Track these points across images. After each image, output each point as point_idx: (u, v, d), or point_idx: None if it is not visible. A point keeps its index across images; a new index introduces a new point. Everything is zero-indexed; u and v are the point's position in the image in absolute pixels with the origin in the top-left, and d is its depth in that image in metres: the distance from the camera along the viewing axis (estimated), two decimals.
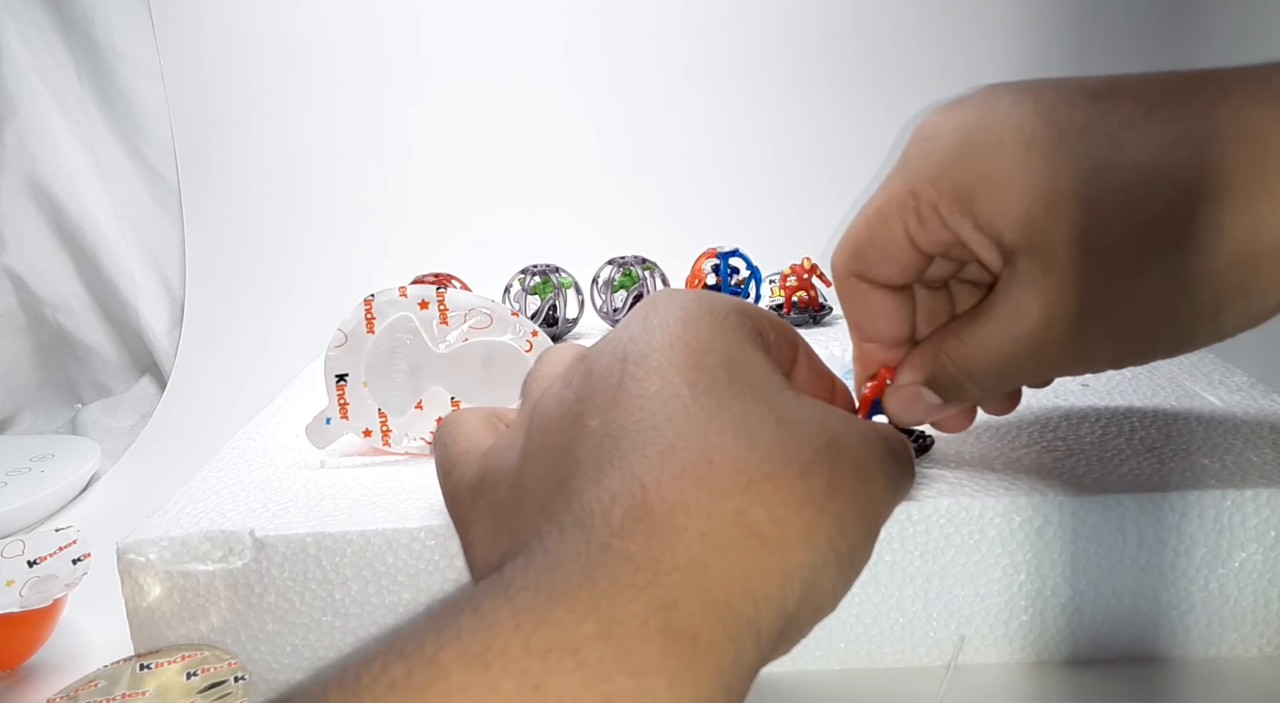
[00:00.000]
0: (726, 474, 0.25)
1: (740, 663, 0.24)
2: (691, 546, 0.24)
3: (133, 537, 0.44)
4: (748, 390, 0.28)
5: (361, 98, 0.94)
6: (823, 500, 0.26)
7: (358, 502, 0.46)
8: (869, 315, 0.38)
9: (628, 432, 0.27)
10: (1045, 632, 0.43)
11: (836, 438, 0.28)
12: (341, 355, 0.50)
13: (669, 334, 0.29)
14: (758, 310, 0.33)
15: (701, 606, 0.23)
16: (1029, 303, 0.33)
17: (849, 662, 0.44)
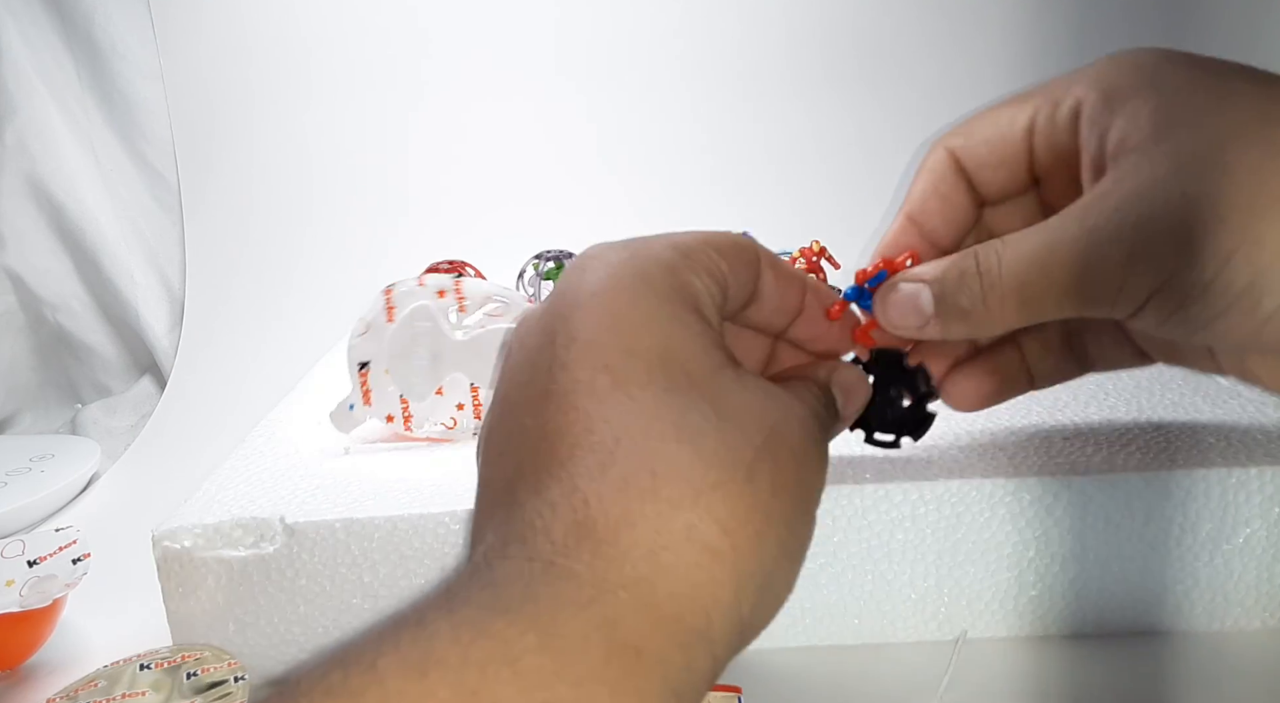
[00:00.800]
0: (673, 487, 0.24)
1: (691, 670, 0.23)
2: (638, 564, 0.24)
3: (167, 525, 0.45)
4: (684, 380, 0.27)
5: (362, 96, 0.94)
6: (769, 502, 0.26)
7: (383, 487, 0.47)
8: (935, 197, 0.37)
9: (563, 435, 0.26)
10: (1053, 607, 0.45)
11: (776, 429, 0.27)
12: (364, 343, 0.51)
13: (597, 309, 0.27)
14: (698, 252, 0.30)
15: (648, 622, 0.23)
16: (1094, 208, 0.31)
17: (863, 637, 0.46)
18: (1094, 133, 0.32)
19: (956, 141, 0.36)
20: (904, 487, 0.43)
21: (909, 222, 0.37)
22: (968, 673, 0.43)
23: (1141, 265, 0.30)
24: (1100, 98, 0.32)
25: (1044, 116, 0.34)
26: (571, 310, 0.28)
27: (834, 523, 0.44)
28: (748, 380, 0.28)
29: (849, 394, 0.34)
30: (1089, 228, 0.31)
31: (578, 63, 0.93)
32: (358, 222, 0.96)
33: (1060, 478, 0.43)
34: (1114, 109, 0.31)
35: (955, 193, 0.36)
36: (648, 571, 0.24)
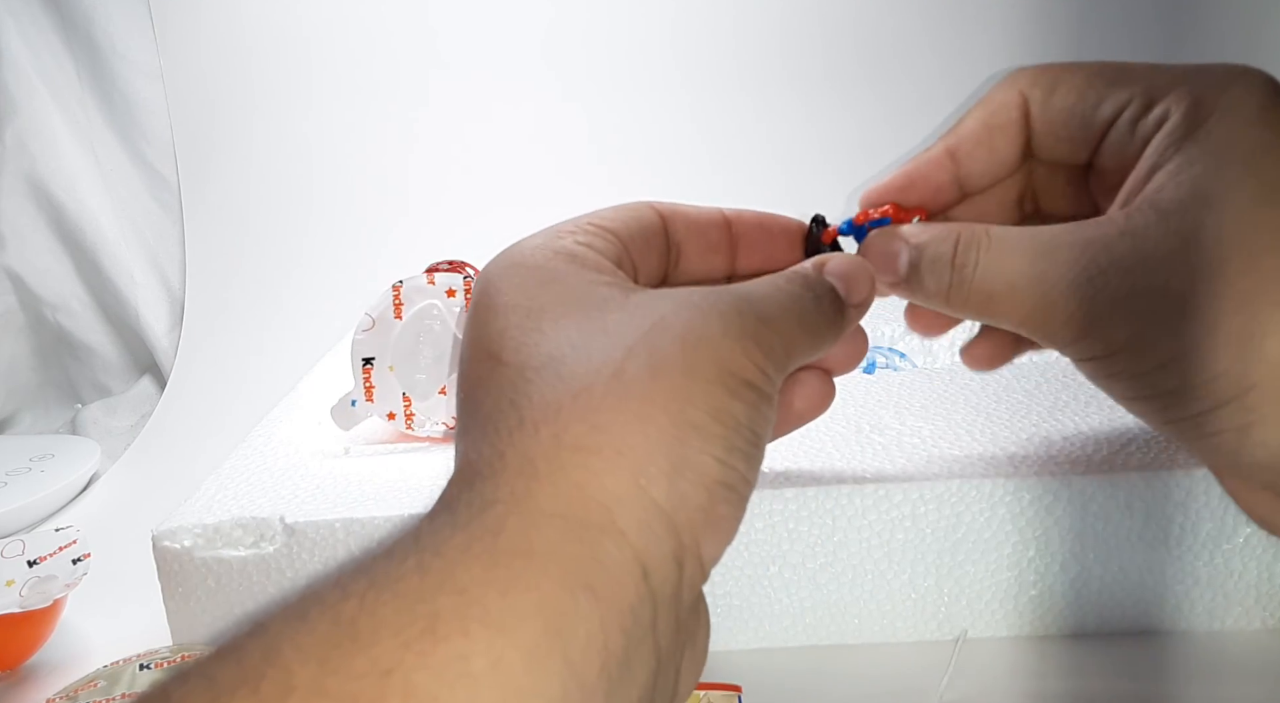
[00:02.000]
0: (535, 411, 0.24)
1: (601, 562, 0.22)
2: (511, 482, 0.23)
3: (166, 525, 0.45)
4: (563, 320, 0.26)
5: (362, 96, 0.94)
6: (648, 385, 0.24)
7: (383, 487, 0.47)
8: (986, 145, 0.34)
9: (462, 423, 0.27)
10: (1054, 607, 0.45)
11: (660, 321, 0.26)
12: (369, 339, 0.52)
13: (481, 309, 0.28)
14: (569, 227, 0.30)
15: (531, 524, 0.22)
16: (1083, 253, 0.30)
17: (863, 636, 0.46)
18: (1149, 163, 0.30)
19: (1035, 94, 0.33)
20: (904, 487, 0.43)
21: (947, 156, 0.35)
22: (968, 673, 0.43)
23: (1096, 335, 0.30)
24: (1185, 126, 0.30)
25: (1128, 118, 0.31)
26: (470, 317, 0.28)
27: (834, 523, 0.44)
28: (640, 295, 0.27)
29: (849, 279, 0.31)
30: (1066, 275, 0.30)
31: (578, 63, 0.93)
32: (358, 221, 0.96)
33: (1060, 478, 0.43)
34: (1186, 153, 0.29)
35: (1009, 145, 0.34)
36: (523, 485, 0.23)
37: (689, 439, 0.24)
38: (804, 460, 0.46)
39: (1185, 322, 0.28)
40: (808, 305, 0.29)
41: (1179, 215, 0.28)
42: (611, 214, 0.31)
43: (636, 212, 0.32)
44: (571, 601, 0.21)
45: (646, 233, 0.31)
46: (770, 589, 0.45)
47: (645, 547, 0.23)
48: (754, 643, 0.46)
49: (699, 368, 0.25)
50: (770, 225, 0.35)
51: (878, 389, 0.54)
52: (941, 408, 0.50)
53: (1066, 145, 0.33)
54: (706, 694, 0.41)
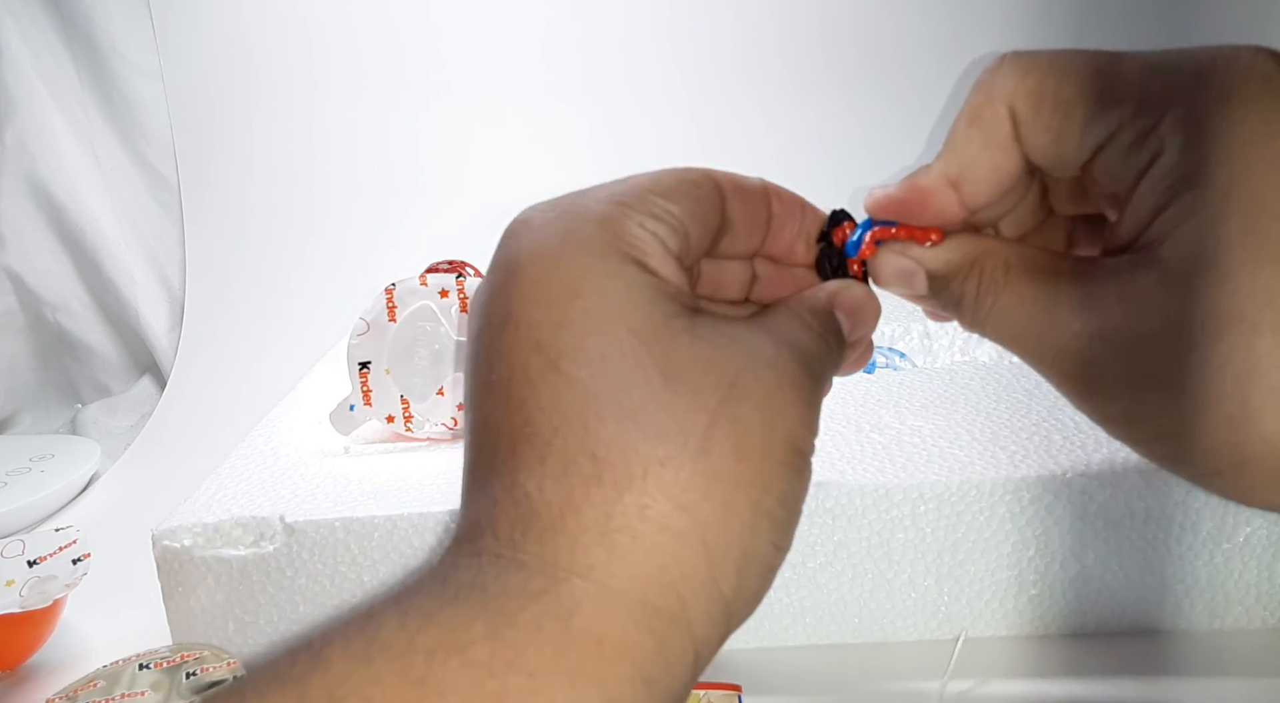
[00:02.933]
0: (617, 469, 0.23)
1: (664, 655, 0.22)
2: (591, 550, 0.22)
3: (166, 524, 0.45)
4: (628, 342, 0.24)
5: (362, 96, 0.94)
6: (733, 469, 0.23)
7: (383, 487, 0.47)
8: (984, 166, 0.31)
9: (502, 430, 0.24)
10: (1053, 606, 0.45)
11: (737, 382, 0.24)
12: (364, 343, 0.52)
13: (526, 283, 0.25)
14: (637, 199, 0.27)
15: (608, 609, 0.22)
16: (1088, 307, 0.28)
17: (863, 636, 0.46)
18: (1149, 203, 0.28)
19: (1022, 110, 0.31)
20: (904, 487, 0.43)
21: (948, 185, 0.32)
22: (968, 673, 0.43)
23: (1091, 402, 0.29)
24: (1182, 164, 0.27)
25: (1120, 145, 0.29)
26: (504, 287, 0.25)
27: (834, 523, 0.44)
28: (706, 327, 0.25)
29: (855, 316, 0.30)
30: (1061, 340, 0.29)
31: (579, 63, 0.94)
32: (358, 222, 0.96)
33: (1060, 478, 0.43)
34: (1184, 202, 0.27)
35: (1010, 161, 0.31)
36: (603, 556, 0.22)
37: (761, 529, 0.24)
38: None
39: (1175, 401, 0.27)
40: (827, 357, 0.29)
41: (1178, 281, 0.27)
42: (675, 189, 0.28)
43: (699, 188, 0.29)
44: (631, 695, 0.21)
45: (705, 213, 0.29)
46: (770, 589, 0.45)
47: (704, 635, 0.23)
48: (754, 643, 0.46)
49: (775, 450, 0.24)
50: (803, 208, 0.32)
51: (878, 389, 0.54)
52: (941, 408, 0.50)
53: (1057, 164, 0.31)
54: (706, 694, 0.41)
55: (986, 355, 0.62)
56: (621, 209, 0.26)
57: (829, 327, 0.29)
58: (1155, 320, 0.27)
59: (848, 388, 0.55)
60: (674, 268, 0.27)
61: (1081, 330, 0.28)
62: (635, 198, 0.27)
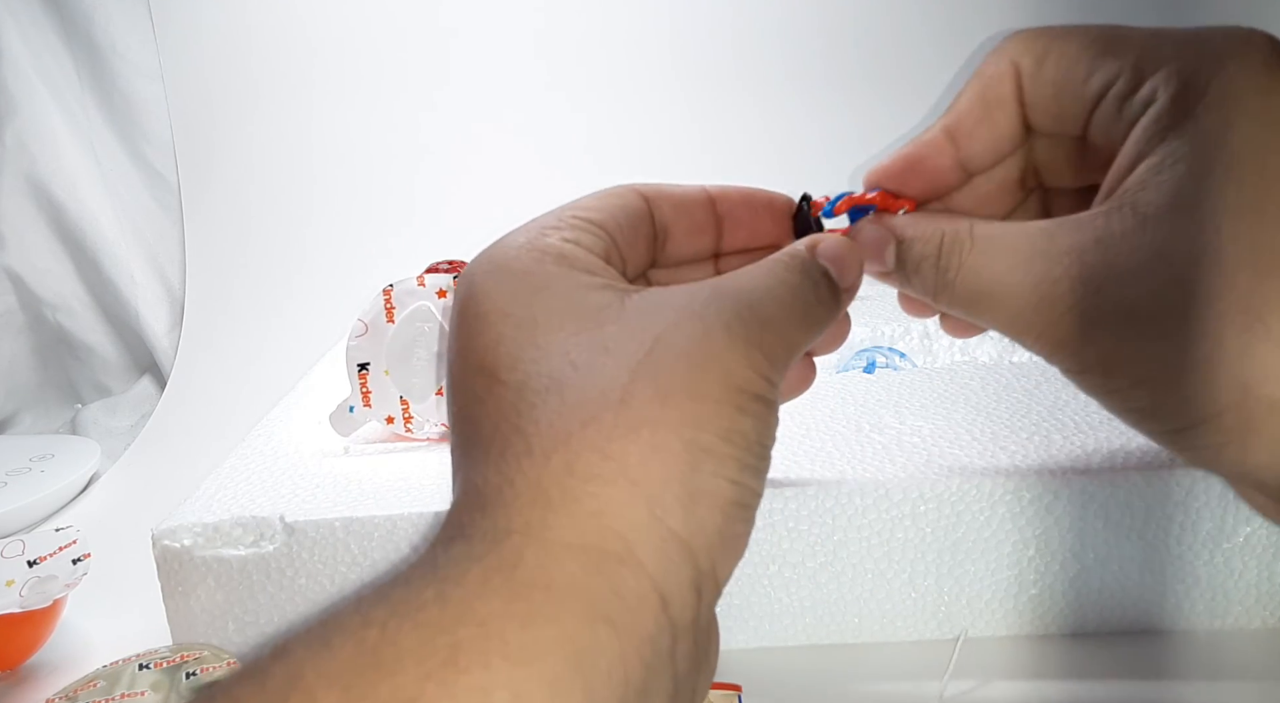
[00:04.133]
0: (544, 438, 0.24)
1: (619, 595, 0.22)
2: (525, 510, 0.23)
3: (166, 523, 0.45)
4: (552, 344, 0.26)
5: (362, 96, 0.94)
6: (658, 412, 0.24)
7: (383, 487, 0.47)
8: (985, 123, 0.32)
9: (459, 443, 0.26)
10: (1053, 606, 0.45)
11: (660, 338, 0.25)
12: (363, 345, 0.52)
13: (467, 316, 0.27)
14: (554, 222, 0.29)
15: (550, 556, 0.22)
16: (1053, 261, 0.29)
17: (862, 636, 0.46)
18: (1133, 151, 0.29)
19: (1025, 63, 0.31)
20: (904, 486, 0.43)
21: (946, 138, 0.33)
22: (968, 673, 0.43)
23: (1067, 351, 0.29)
24: (1171, 113, 0.28)
25: (1115, 95, 0.29)
26: (455, 333, 0.27)
27: (834, 523, 0.44)
28: (638, 302, 0.26)
29: (839, 261, 0.30)
30: (1038, 288, 0.29)
31: (578, 63, 0.94)
32: (358, 221, 0.96)
33: (1060, 477, 0.43)
34: (1170, 146, 0.28)
35: (1008, 120, 0.32)
36: (538, 513, 0.23)
37: (702, 464, 0.24)
38: (804, 460, 0.46)
39: (1152, 344, 0.27)
40: (807, 296, 0.28)
41: (1155, 224, 0.27)
42: (595, 203, 0.30)
43: (621, 198, 0.31)
44: (591, 634, 0.21)
45: (633, 220, 0.30)
46: (770, 589, 0.45)
47: (664, 576, 0.23)
48: (754, 643, 0.46)
49: (707, 389, 0.25)
50: (755, 201, 0.34)
51: (878, 389, 0.54)
52: (941, 408, 0.50)
53: (1056, 119, 0.32)
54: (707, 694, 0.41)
55: (986, 355, 0.62)
56: (541, 231, 0.28)
57: (817, 274, 0.29)
58: (1135, 259, 0.27)
59: (848, 388, 0.55)
60: (602, 266, 0.28)
61: (1061, 275, 0.28)
62: (554, 219, 0.29)
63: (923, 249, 0.31)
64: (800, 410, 0.51)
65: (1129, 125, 0.29)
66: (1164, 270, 0.27)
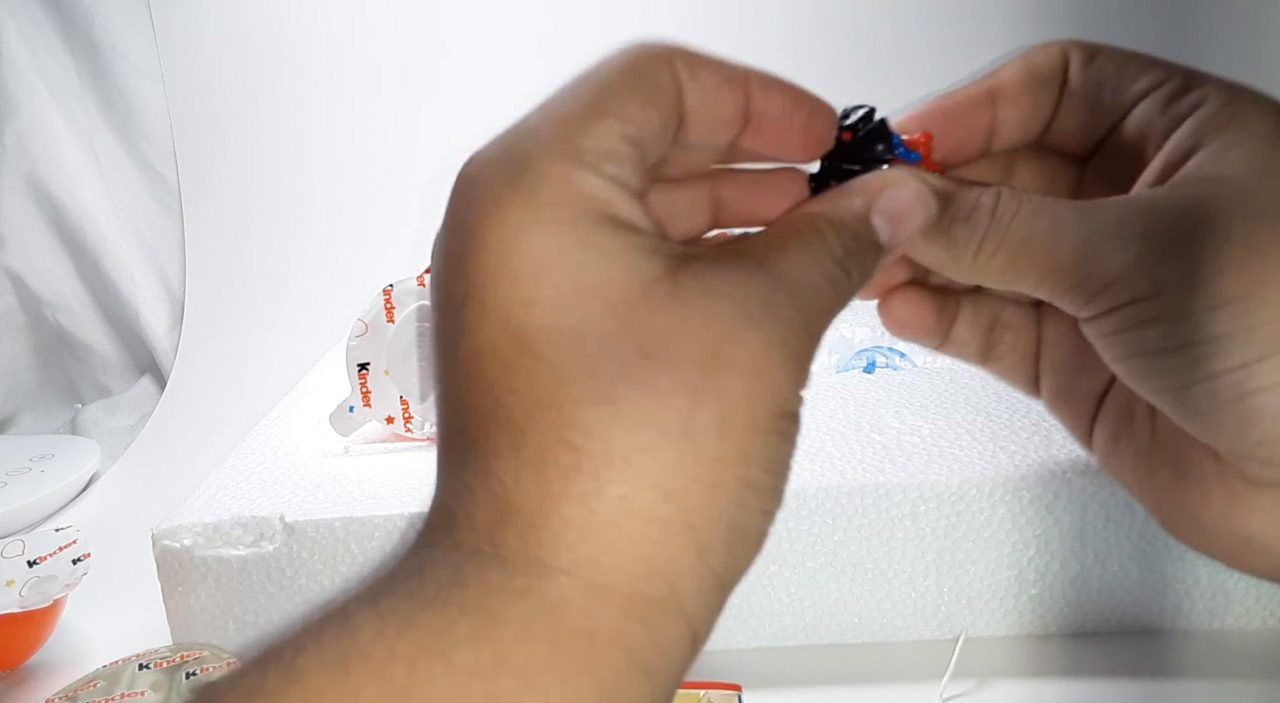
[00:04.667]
0: (596, 458, 0.21)
1: (658, 643, 0.22)
2: (575, 546, 0.21)
3: (166, 523, 0.45)
4: (602, 315, 0.22)
5: (362, 95, 0.94)
6: (719, 448, 0.22)
7: (383, 487, 0.47)
8: (1030, 93, 0.31)
9: (473, 412, 0.23)
10: (1053, 606, 0.45)
11: (719, 351, 0.22)
12: (363, 345, 0.52)
13: (488, 253, 0.23)
14: (593, 132, 0.24)
15: (597, 603, 0.21)
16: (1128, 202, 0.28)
17: (863, 636, 0.46)
18: (1185, 144, 0.28)
19: (1077, 55, 0.30)
20: (904, 486, 0.43)
21: (989, 98, 0.31)
22: (968, 673, 0.43)
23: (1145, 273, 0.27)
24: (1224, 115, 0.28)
25: (1163, 95, 0.29)
26: (461, 257, 0.23)
27: (834, 523, 0.44)
28: (690, 284, 0.23)
29: (898, 221, 0.27)
30: (1115, 215, 0.28)
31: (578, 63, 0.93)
32: (358, 221, 0.96)
33: (1060, 477, 0.43)
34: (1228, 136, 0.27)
35: (1048, 100, 0.31)
36: (588, 551, 0.21)
37: (749, 501, 0.23)
38: (804, 461, 0.46)
39: (1249, 260, 0.26)
40: (844, 287, 0.25)
41: (1234, 182, 0.27)
42: (631, 98, 0.24)
43: (657, 86, 0.25)
44: (628, 684, 0.21)
45: (666, 120, 0.25)
46: (770, 589, 0.45)
47: (699, 616, 0.23)
48: (754, 643, 0.46)
49: (761, 418, 0.23)
50: (798, 108, 0.28)
51: (878, 389, 0.54)
52: (941, 408, 0.50)
53: (1093, 113, 0.31)
54: (706, 694, 0.41)
55: None
56: (575, 153, 0.23)
57: (858, 243, 0.26)
58: (1218, 203, 0.27)
59: (848, 388, 0.55)
60: (642, 213, 0.24)
61: (1143, 209, 0.27)
62: (587, 132, 0.24)
63: (978, 199, 0.29)
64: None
65: (1173, 123, 0.29)
66: (1252, 206, 0.26)
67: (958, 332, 0.33)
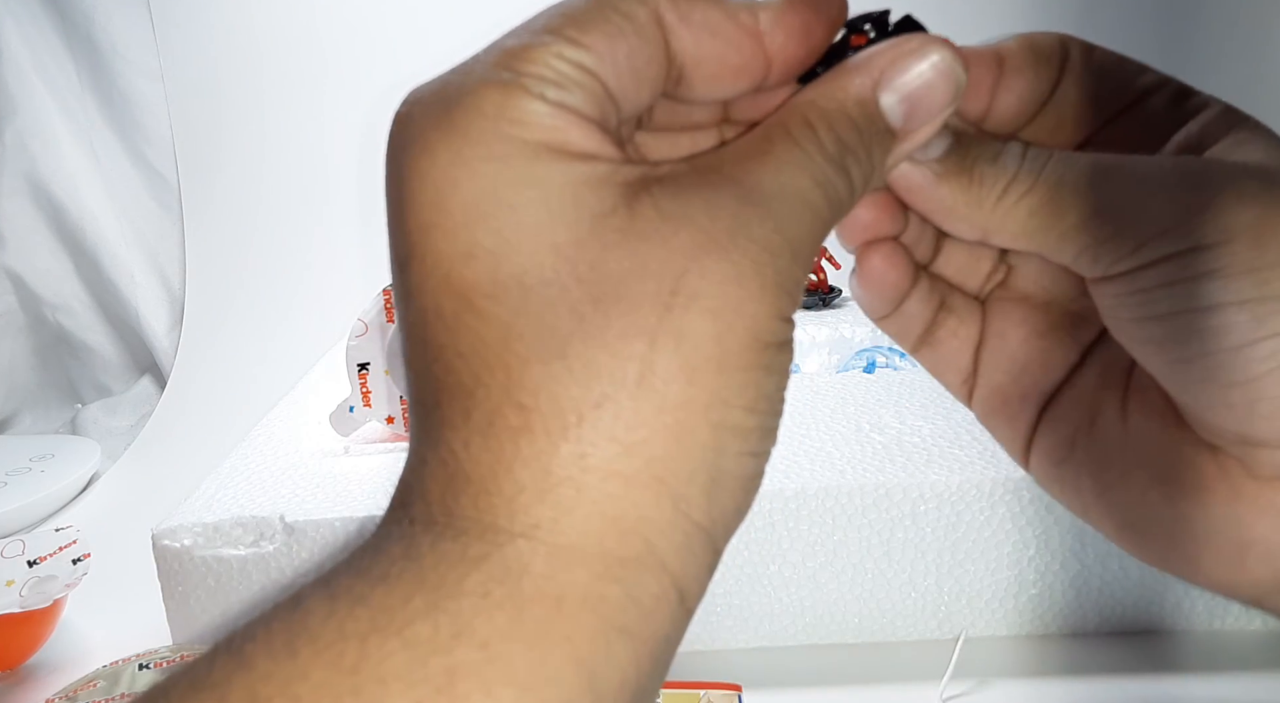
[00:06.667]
0: (547, 417, 0.20)
1: (637, 601, 0.20)
2: (530, 508, 0.20)
3: (166, 523, 0.45)
4: (549, 260, 0.20)
5: (362, 95, 0.94)
6: (685, 392, 0.20)
7: (382, 487, 0.47)
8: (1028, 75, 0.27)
9: (424, 379, 0.21)
10: (1053, 606, 0.45)
11: (680, 286, 0.20)
12: (363, 345, 0.52)
13: (422, 203, 0.21)
14: (536, 55, 0.21)
15: (562, 565, 0.20)
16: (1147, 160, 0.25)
17: (863, 636, 0.46)
18: (1192, 142, 0.27)
19: (1076, 45, 0.28)
20: (904, 486, 0.43)
21: (996, 61, 0.27)
22: (968, 673, 0.43)
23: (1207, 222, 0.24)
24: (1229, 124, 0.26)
25: (1168, 94, 0.27)
26: (399, 213, 0.21)
27: (834, 523, 0.44)
28: (648, 213, 0.21)
29: (918, 100, 0.23)
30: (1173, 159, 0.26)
31: None
32: (358, 221, 0.96)
33: None
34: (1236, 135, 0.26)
35: (1046, 82, 0.28)
36: (546, 513, 0.20)
37: (728, 445, 0.21)
38: (804, 461, 0.46)
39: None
40: (841, 193, 0.22)
41: (1259, 165, 0.25)
42: (591, 25, 0.21)
43: (629, 19, 0.22)
44: (606, 648, 0.19)
45: (635, 56, 0.22)
46: (770, 589, 0.45)
47: (684, 571, 0.21)
48: (754, 643, 0.46)
49: (735, 354, 0.21)
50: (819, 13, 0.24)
51: (878, 389, 0.54)
52: (941, 408, 0.50)
53: (1091, 103, 0.29)
54: (706, 694, 0.41)
55: None
56: (513, 80, 0.21)
57: (860, 134, 0.23)
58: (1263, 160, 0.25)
59: (848, 388, 0.55)
60: (599, 138, 0.21)
61: (1203, 161, 0.26)
62: (529, 58, 0.21)
63: (1005, 145, 0.26)
64: (800, 410, 0.51)
65: (1182, 118, 0.27)
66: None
67: (909, 305, 0.30)
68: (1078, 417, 0.28)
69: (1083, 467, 0.28)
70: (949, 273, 0.30)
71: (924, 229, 0.29)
